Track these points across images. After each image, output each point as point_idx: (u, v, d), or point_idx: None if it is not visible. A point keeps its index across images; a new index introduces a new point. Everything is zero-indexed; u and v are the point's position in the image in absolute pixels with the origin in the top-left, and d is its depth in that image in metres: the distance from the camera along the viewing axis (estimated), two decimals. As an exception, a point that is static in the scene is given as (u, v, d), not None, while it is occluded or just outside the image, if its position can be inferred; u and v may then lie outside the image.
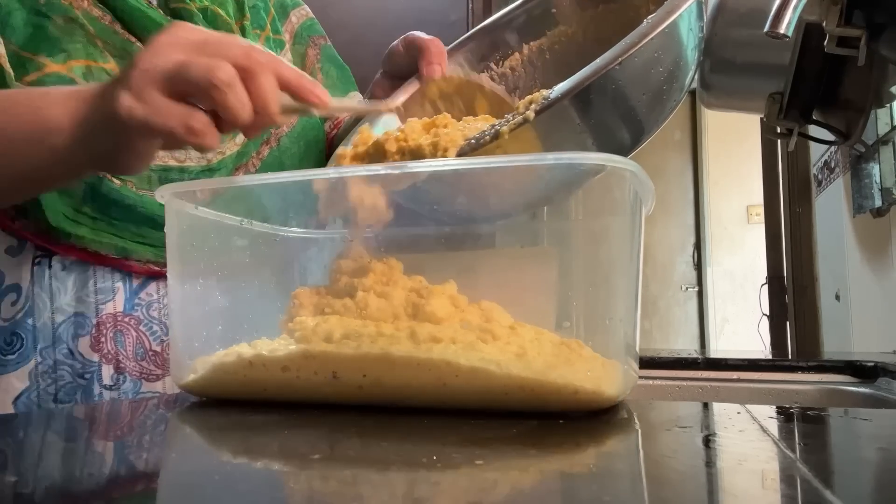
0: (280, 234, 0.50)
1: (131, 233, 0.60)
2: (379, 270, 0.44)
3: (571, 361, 0.37)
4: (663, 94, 0.45)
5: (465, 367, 0.36)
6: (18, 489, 0.25)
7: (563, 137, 0.44)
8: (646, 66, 0.43)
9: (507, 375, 0.36)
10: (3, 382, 0.59)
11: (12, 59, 0.56)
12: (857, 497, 0.22)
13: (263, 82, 0.45)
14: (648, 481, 0.25)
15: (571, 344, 0.39)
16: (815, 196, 1.78)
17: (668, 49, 0.44)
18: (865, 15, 0.73)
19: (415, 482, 0.24)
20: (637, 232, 0.41)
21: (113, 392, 0.61)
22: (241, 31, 0.67)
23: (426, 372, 0.37)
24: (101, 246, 0.59)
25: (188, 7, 0.63)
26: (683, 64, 0.45)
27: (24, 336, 0.59)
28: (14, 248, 0.60)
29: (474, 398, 0.37)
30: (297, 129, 0.70)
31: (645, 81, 0.44)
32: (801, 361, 0.87)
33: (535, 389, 0.36)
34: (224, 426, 0.38)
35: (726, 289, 3.70)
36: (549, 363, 0.37)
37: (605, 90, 0.42)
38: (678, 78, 0.46)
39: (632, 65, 0.41)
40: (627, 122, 0.45)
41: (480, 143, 0.43)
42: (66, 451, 0.32)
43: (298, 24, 0.78)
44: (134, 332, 0.62)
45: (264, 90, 0.45)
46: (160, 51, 0.44)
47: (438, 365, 0.37)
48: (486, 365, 0.36)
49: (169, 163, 0.60)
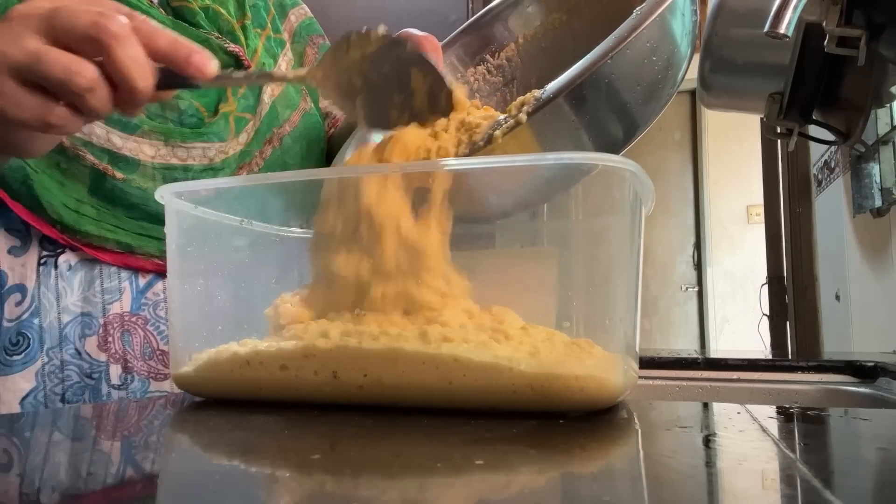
0: (280, 234, 0.50)
1: (135, 227, 0.60)
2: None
3: (582, 360, 0.38)
4: (658, 84, 0.45)
5: (475, 364, 0.36)
6: (19, 488, 0.25)
7: (558, 134, 0.43)
8: (638, 59, 0.42)
9: (518, 373, 0.36)
10: (9, 383, 0.59)
11: None
12: (857, 497, 0.22)
13: (122, 57, 0.40)
14: (648, 481, 0.25)
15: (581, 343, 0.39)
16: (815, 196, 1.78)
17: (660, 39, 0.43)
18: (865, 15, 0.73)
19: (415, 482, 0.24)
20: (637, 232, 0.41)
21: (121, 391, 0.61)
22: (242, 29, 0.67)
23: (432, 370, 0.37)
24: (105, 241, 0.59)
25: (190, 6, 0.63)
26: (676, 53, 0.45)
27: (31, 336, 0.59)
28: (17, 248, 0.60)
29: (479, 397, 0.37)
30: (300, 129, 0.70)
31: (638, 74, 0.43)
32: (801, 361, 0.87)
33: (543, 387, 0.36)
34: (224, 426, 0.38)
35: (726, 289, 3.70)
36: (562, 360, 0.37)
37: (597, 86, 0.42)
38: (672, 67, 0.45)
39: (623, 58, 0.41)
40: (622, 116, 0.45)
41: (474, 150, 0.43)
42: (66, 450, 0.32)
43: (297, 23, 0.78)
44: (141, 331, 0.62)
45: (126, 69, 0.40)
46: (10, 34, 0.40)
47: (447, 362, 0.37)
48: (498, 361, 0.36)
49: (172, 161, 0.61)
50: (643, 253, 0.43)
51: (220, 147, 0.63)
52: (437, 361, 0.37)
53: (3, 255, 0.60)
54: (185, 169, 0.61)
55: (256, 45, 0.69)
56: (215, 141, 0.62)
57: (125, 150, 0.58)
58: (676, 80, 0.47)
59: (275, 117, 0.68)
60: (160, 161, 0.60)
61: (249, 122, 0.66)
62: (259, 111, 0.67)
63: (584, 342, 0.39)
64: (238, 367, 0.42)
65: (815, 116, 0.97)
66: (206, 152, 0.62)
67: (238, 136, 0.65)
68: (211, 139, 0.62)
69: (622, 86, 0.43)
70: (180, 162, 0.61)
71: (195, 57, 0.42)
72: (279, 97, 0.69)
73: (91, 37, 0.39)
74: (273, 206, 0.49)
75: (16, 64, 0.40)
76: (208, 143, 0.62)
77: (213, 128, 0.62)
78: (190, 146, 0.61)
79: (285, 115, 0.69)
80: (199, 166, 0.62)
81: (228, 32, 0.66)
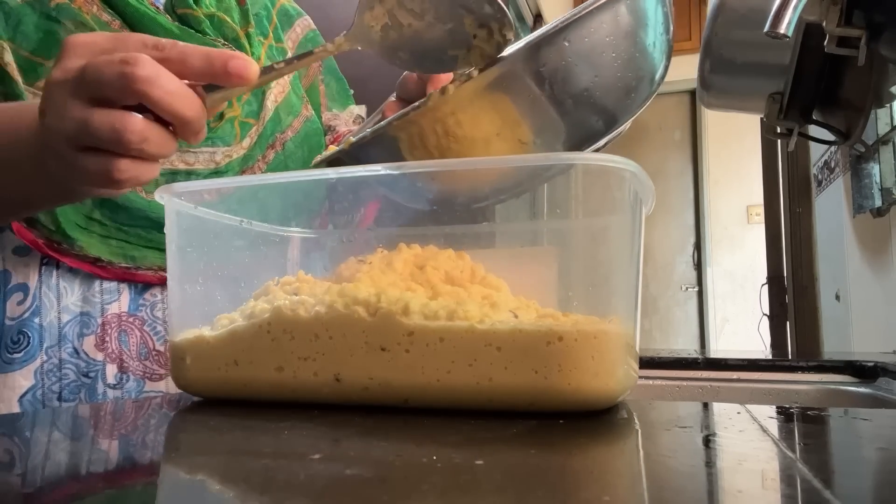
0: (280, 234, 0.50)
1: (140, 238, 0.61)
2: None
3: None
4: (620, 81, 0.43)
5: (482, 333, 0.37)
6: (20, 488, 0.25)
7: (522, 104, 0.42)
8: (594, 45, 0.41)
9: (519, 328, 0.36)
10: (9, 380, 0.59)
11: (24, 64, 0.57)
12: (857, 497, 0.22)
13: (161, 97, 0.39)
14: (648, 481, 0.25)
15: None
16: (815, 196, 1.78)
17: (621, 37, 0.41)
18: (865, 15, 0.73)
19: (415, 482, 0.24)
20: (637, 232, 0.41)
21: (116, 391, 0.61)
22: (246, 37, 0.69)
23: (435, 351, 0.37)
24: (111, 254, 0.60)
25: (195, 13, 0.64)
26: (640, 56, 0.43)
27: (31, 335, 0.60)
28: (22, 247, 0.61)
29: (478, 395, 0.37)
30: (301, 135, 0.72)
31: (593, 60, 0.41)
32: (801, 361, 0.87)
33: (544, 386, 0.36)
34: (224, 425, 0.38)
35: (726, 289, 3.70)
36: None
37: (549, 57, 0.40)
38: (634, 68, 0.43)
39: (576, 37, 0.40)
40: (585, 102, 0.43)
41: (426, 103, 0.41)
42: (65, 450, 0.32)
43: (303, 34, 0.79)
44: (138, 331, 0.62)
45: (170, 106, 0.40)
46: (53, 107, 0.41)
47: (458, 333, 0.37)
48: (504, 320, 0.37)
49: (178, 166, 0.62)
50: (643, 253, 0.43)
51: (225, 151, 0.64)
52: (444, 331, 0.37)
53: (8, 255, 0.61)
54: (190, 174, 0.62)
55: (260, 53, 0.70)
56: (221, 145, 0.64)
57: None
58: (644, 82, 0.45)
59: (278, 122, 0.70)
60: (167, 167, 0.61)
61: (253, 127, 0.67)
62: (262, 116, 0.68)
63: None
64: (234, 367, 0.42)
65: (815, 116, 0.97)
66: (213, 157, 0.63)
67: (242, 140, 0.66)
68: (217, 144, 0.64)
69: (578, 69, 0.41)
70: (186, 167, 0.62)
71: (232, 64, 0.41)
72: (282, 103, 0.71)
73: (123, 87, 0.39)
74: (273, 206, 0.49)
75: (67, 135, 0.40)
76: (214, 148, 0.63)
77: (219, 133, 0.64)
78: (197, 151, 0.62)
79: (287, 121, 0.71)
80: (205, 171, 0.63)
81: (234, 40, 0.67)
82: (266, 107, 0.68)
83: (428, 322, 0.38)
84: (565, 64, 0.41)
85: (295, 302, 0.41)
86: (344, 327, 0.39)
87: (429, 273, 0.42)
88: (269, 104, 0.69)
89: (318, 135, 0.75)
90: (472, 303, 0.39)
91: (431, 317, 0.38)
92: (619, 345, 0.38)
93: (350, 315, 0.39)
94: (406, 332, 0.38)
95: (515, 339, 0.36)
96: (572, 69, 0.41)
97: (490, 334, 0.37)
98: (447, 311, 0.38)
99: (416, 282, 0.42)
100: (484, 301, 0.40)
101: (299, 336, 0.40)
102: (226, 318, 0.44)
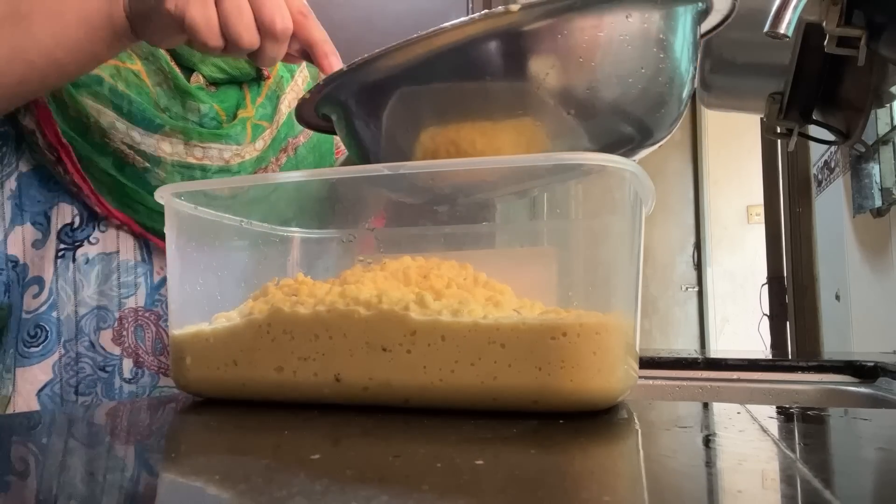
0: (280, 234, 0.50)
1: (153, 212, 0.62)
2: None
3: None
4: (634, 85, 0.41)
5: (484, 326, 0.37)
6: (17, 488, 0.25)
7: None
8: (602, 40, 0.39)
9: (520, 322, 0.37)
10: (27, 374, 0.60)
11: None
12: (857, 497, 0.22)
13: (267, 4, 0.48)
14: (648, 481, 0.25)
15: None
16: (815, 196, 1.78)
17: (640, 45, 0.40)
18: (865, 15, 0.73)
19: (415, 482, 0.24)
20: (637, 232, 0.41)
21: (132, 385, 0.62)
22: None
23: (438, 347, 0.37)
24: (134, 213, 0.62)
25: None
26: (663, 68, 0.42)
27: (49, 329, 0.61)
28: (39, 240, 0.61)
29: (478, 394, 0.37)
30: (313, 141, 0.74)
31: (593, 52, 0.40)
32: (801, 361, 0.87)
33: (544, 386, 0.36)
34: (224, 425, 0.38)
35: (726, 289, 3.70)
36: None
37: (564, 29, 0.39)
38: (650, 77, 0.42)
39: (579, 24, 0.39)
40: (593, 98, 0.41)
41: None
42: (64, 451, 0.32)
43: None
44: (154, 326, 0.63)
45: (261, 14, 0.47)
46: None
47: (458, 329, 0.37)
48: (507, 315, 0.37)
49: (189, 160, 0.63)
50: (643, 253, 0.43)
51: (235, 150, 0.65)
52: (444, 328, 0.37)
53: (27, 249, 0.62)
54: (202, 168, 0.63)
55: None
56: (231, 144, 0.65)
57: (143, 146, 0.61)
58: (659, 95, 0.43)
59: (291, 127, 0.71)
60: (178, 158, 0.62)
61: (266, 130, 0.69)
62: (276, 120, 0.70)
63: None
64: (234, 367, 0.42)
65: (815, 116, 0.97)
66: (222, 153, 0.64)
67: (255, 142, 0.67)
68: (227, 141, 0.65)
69: (582, 53, 0.40)
70: (197, 161, 0.63)
71: (332, 59, 0.50)
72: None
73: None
74: (273, 206, 0.49)
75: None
76: (224, 145, 0.64)
77: (229, 131, 0.65)
78: (206, 146, 0.63)
79: (300, 127, 0.71)
80: (216, 167, 0.64)
81: None
82: (280, 111, 0.70)
83: (431, 320, 0.38)
84: (565, 55, 0.40)
85: (295, 302, 0.41)
86: (344, 327, 0.39)
87: (433, 280, 0.42)
88: (283, 108, 0.71)
89: (329, 142, 0.76)
90: (475, 302, 0.39)
91: (435, 315, 0.38)
92: (621, 342, 0.38)
93: (350, 315, 0.39)
94: (408, 332, 0.38)
95: (519, 335, 0.36)
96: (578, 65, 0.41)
97: (494, 331, 0.36)
98: (451, 309, 0.38)
99: (421, 288, 0.42)
100: (487, 302, 0.40)
101: (299, 336, 0.40)
102: (223, 316, 0.44)
